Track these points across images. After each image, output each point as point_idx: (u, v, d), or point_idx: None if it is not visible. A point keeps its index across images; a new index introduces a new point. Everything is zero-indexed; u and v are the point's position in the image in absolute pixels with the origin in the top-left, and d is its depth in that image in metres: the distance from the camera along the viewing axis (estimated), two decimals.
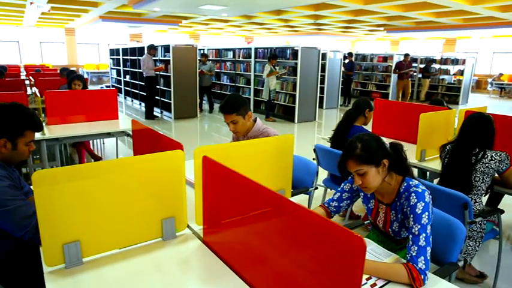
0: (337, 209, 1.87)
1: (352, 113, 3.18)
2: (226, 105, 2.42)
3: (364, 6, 9.67)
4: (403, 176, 1.62)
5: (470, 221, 2.19)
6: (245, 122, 2.47)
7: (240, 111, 2.42)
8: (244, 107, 2.45)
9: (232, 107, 2.42)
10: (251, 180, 1.33)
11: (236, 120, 2.43)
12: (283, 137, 2.05)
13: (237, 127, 2.46)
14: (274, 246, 1.30)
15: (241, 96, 2.50)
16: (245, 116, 2.45)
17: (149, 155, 1.65)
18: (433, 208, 1.60)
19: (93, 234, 1.54)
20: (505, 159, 2.35)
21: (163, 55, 9.31)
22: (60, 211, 1.43)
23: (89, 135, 4.37)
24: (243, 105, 2.44)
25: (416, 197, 1.50)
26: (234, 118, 2.43)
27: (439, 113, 3.16)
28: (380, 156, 1.56)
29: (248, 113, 2.46)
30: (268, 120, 8.89)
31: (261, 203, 1.33)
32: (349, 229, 0.97)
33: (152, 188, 1.65)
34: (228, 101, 2.44)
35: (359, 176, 1.58)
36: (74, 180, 1.44)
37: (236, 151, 1.94)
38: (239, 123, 2.45)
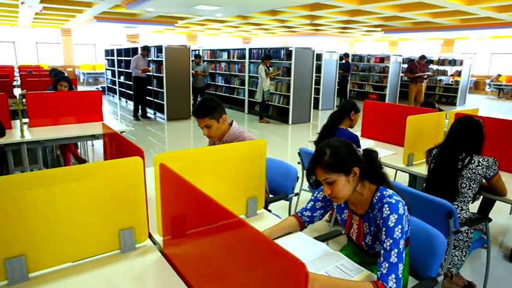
0: (310, 218, 1.75)
1: (337, 116, 3.06)
2: (199, 109, 2.31)
3: (359, 6, 9.56)
4: (377, 185, 1.51)
5: (455, 230, 2.08)
6: (219, 126, 2.35)
7: (214, 114, 2.31)
8: (219, 110, 2.34)
9: (205, 111, 2.31)
10: (203, 193, 1.22)
11: (210, 124, 2.32)
12: (255, 142, 1.94)
13: (211, 131, 2.35)
14: (226, 264, 1.19)
15: (215, 98, 2.39)
16: (219, 119, 2.34)
17: (104, 162, 1.54)
18: (409, 220, 1.49)
19: (41, 247, 1.42)
20: (493, 164, 2.24)
21: (156, 56, 9.21)
22: (0, 223, 1.32)
23: (72, 138, 4.26)
24: (216, 108, 2.33)
25: (389, 209, 1.38)
26: (207, 122, 2.32)
27: (428, 116, 3.04)
28: (350, 163, 1.45)
29: (223, 116, 2.35)
30: (263, 122, 8.78)
31: (213, 217, 1.22)
32: (292, 255, 0.85)
33: (108, 197, 1.53)
34: (200, 104, 2.33)
35: (328, 185, 1.46)
36: (18, 189, 1.33)
37: (203, 157, 1.82)
38: (213, 127, 2.34)
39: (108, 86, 14.23)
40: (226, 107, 11.31)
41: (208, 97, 2.39)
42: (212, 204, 1.16)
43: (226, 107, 11.83)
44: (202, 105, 2.33)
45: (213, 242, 1.27)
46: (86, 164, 1.49)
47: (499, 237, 3.44)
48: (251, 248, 1.04)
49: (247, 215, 1.98)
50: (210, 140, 2.49)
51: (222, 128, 2.37)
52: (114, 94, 13.28)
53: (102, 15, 12.50)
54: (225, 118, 2.37)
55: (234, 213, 1.08)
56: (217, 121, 2.33)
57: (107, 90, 14.32)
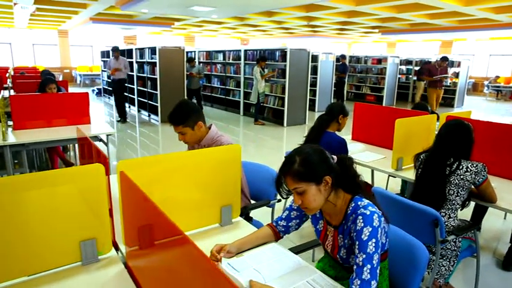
0: (286, 228, 1.66)
1: (324, 119, 2.96)
2: (172, 116, 2.22)
3: (355, 7, 9.48)
4: (353, 195, 1.41)
5: (441, 239, 1.98)
6: (194, 133, 2.27)
7: (188, 122, 2.22)
8: (194, 117, 2.24)
9: (179, 118, 2.22)
10: (155, 205, 1.13)
11: (184, 132, 2.24)
12: (229, 147, 1.85)
13: (186, 138, 2.27)
14: (176, 281, 1.10)
15: (191, 103, 2.29)
16: (194, 126, 2.25)
17: (64, 170, 1.45)
18: (386, 232, 1.39)
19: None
20: (482, 170, 2.14)
21: (150, 57, 9.12)
22: None
23: (58, 141, 4.17)
24: (191, 115, 2.23)
25: (363, 221, 1.29)
26: (181, 129, 2.24)
27: (417, 119, 2.95)
28: (321, 172, 1.35)
29: (198, 123, 2.26)
30: (258, 124, 8.69)
31: (163, 231, 1.13)
32: (228, 280, 0.75)
33: (68, 207, 1.44)
34: (174, 111, 2.24)
35: (298, 195, 1.37)
36: None
37: (174, 163, 1.73)
38: (187, 135, 2.26)
39: (104, 87, 14.14)
40: (221, 108, 11.33)
41: (183, 102, 2.29)
42: (162, 218, 1.07)
43: (221, 109, 11.79)
44: (176, 112, 2.24)
45: (167, 257, 1.18)
46: (44, 172, 1.40)
47: (493, 243, 3.34)
48: (192, 268, 0.96)
49: (221, 224, 1.88)
50: (187, 145, 2.40)
51: (197, 134, 2.28)
52: (110, 96, 13.19)
53: (97, 16, 12.43)
54: (200, 125, 2.28)
55: (179, 230, 0.99)
56: (192, 128, 2.25)
57: (102, 92, 14.23)
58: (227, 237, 1.77)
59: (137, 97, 10.25)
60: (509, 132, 2.76)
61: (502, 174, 2.78)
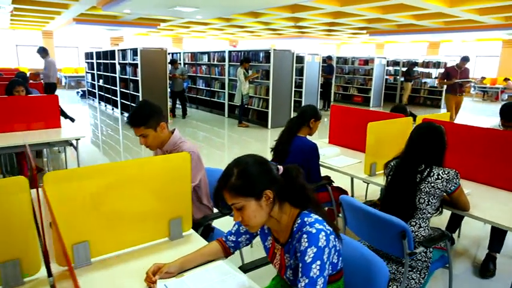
0: (235, 244, 1.52)
1: (295, 122, 2.83)
2: (133, 117, 2.07)
3: (341, 8, 9.41)
4: (300, 209, 1.28)
5: (409, 251, 1.86)
6: (157, 135, 2.11)
7: (150, 123, 2.07)
8: (156, 118, 2.10)
9: (140, 119, 2.07)
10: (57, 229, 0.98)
11: (146, 134, 2.08)
12: (177, 156, 1.70)
13: (148, 141, 2.11)
14: None
15: (152, 104, 2.14)
16: (156, 128, 2.10)
17: None
18: (338, 250, 1.25)
19: None
20: (454, 177, 2.02)
21: (132, 58, 8.93)
22: None
23: (23, 146, 3.98)
24: (153, 115, 2.09)
25: (307, 240, 1.16)
26: (142, 132, 2.08)
27: (391, 122, 2.83)
28: (261, 185, 1.22)
29: (161, 124, 2.11)
30: (242, 126, 8.55)
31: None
32: None
33: None
34: (135, 111, 2.09)
35: (237, 211, 1.23)
36: None
37: (117, 173, 1.57)
38: (150, 137, 2.10)
39: (88, 89, 13.90)
40: (206, 110, 11.16)
41: (144, 102, 2.15)
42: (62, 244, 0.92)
43: (206, 111, 11.65)
44: (136, 112, 2.09)
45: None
46: None
47: (472, 250, 3.24)
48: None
49: (170, 238, 1.73)
50: (149, 149, 2.24)
51: (160, 136, 2.13)
52: (94, 98, 12.96)
53: (81, 17, 12.19)
54: (163, 126, 2.13)
55: (69, 261, 0.84)
56: (155, 130, 2.10)
57: (87, 94, 13.98)
58: (176, 252, 1.63)
59: (120, 99, 10.05)
60: (485, 135, 2.65)
61: (477, 179, 2.68)
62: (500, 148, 2.55)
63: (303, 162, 2.73)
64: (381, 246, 2.05)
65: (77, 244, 1.47)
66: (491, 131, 2.64)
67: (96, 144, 7.24)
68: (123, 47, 9.89)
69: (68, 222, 1.45)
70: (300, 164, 2.73)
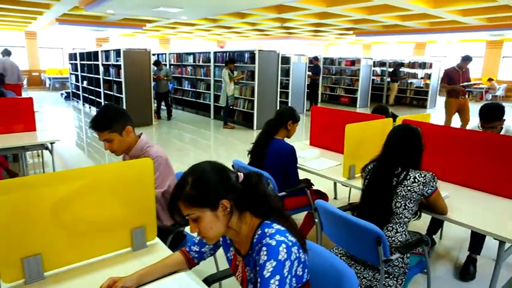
0: (199, 254, 1.44)
1: (272, 124, 2.77)
2: (96, 121, 1.97)
3: (326, 8, 9.40)
4: (262, 219, 1.20)
5: (385, 258, 1.80)
6: (123, 139, 2.02)
7: (114, 127, 1.98)
8: (121, 121, 2.00)
9: (104, 123, 1.97)
10: None
11: (111, 138, 1.99)
12: (139, 162, 1.61)
13: (113, 146, 2.01)
14: None
15: (117, 107, 2.05)
16: (122, 132, 2.00)
17: None
18: (303, 262, 1.18)
19: None
20: (431, 180, 1.97)
21: (116, 60, 8.78)
22: None
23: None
24: (118, 119, 1.99)
25: (266, 253, 1.08)
26: (107, 136, 1.98)
27: (370, 123, 2.78)
28: (217, 195, 1.14)
29: (126, 128, 2.02)
30: (227, 127, 8.46)
31: None
32: None
33: None
34: (98, 115, 1.99)
35: (193, 222, 1.15)
36: None
37: (76, 180, 1.48)
38: (115, 142, 2.00)
39: (72, 91, 13.65)
40: (192, 112, 11.05)
41: (109, 106, 2.05)
42: None
43: (192, 112, 11.55)
44: (100, 116, 2.00)
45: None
46: None
47: (454, 251, 3.20)
48: None
49: (133, 249, 1.64)
50: (115, 154, 2.15)
51: (126, 141, 2.03)
52: (78, 100, 12.74)
53: (64, 17, 11.96)
54: (129, 130, 2.03)
55: None
56: (120, 134, 2.00)
57: (71, 96, 13.73)
58: (139, 263, 1.54)
59: (104, 101, 9.88)
60: (463, 136, 2.62)
61: (456, 181, 2.65)
62: (478, 149, 2.52)
63: (280, 165, 2.66)
64: (356, 253, 1.99)
65: (27, 258, 1.37)
66: (470, 132, 2.60)
67: (81, 147, 7.10)
68: (106, 48, 9.72)
69: (19, 234, 1.35)
70: (278, 167, 2.68)
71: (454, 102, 6.79)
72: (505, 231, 1.92)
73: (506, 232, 1.90)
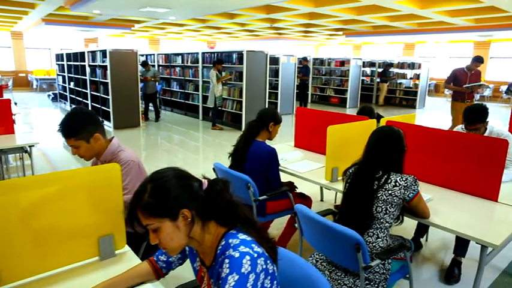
0: (167, 264, 1.37)
1: (253, 126, 2.70)
2: (62, 127, 1.89)
3: (315, 9, 9.37)
4: (228, 229, 1.14)
5: (364, 265, 1.74)
6: (90, 146, 1.94)
7: (81, 134, 1.90)
8: (89, 129, 1.92)
9: (70, 131, 1.89)
10: None
11: (77, 145, 1.91)
12: (107, 167, 1.54)
13: (80, 152, 1.94)
14: None
15: (86, 113, 1.96)
16: (89, 139, 1.92)
17: None
18: (272, 274, 1.11)
19: None
20: (412, 184, 1.92)
21: (102, 60, 8.64)
22: None
23: None
24: (85, 126, 1.91)
25: (229, 266, 1.01)
26: (73, 143, 1.90)
27: (352, 125, 2.73)
28: (178, 204, 1.07)
29: (94, 136, 1.94)
30: (215, 129, 8.38)
31: None
32: None
33: None
34: (65, 121, 1.91)
35: (153, 233, 1.08)
36: None
37: (38, 187, 1.40)
38: (81, 148, 1.93)
39: (59, 92, 13.44)
40: (181, 113, 10.94)
41: (77, 111, 1.95)
42: None
43: (181, 114, 11.45)
44: (66, 122, 1.91)
45: None
46: None
47: (440, 254, 3.17)
48: None
49: (100, 258, 1.57)
50: (84, 159, 2.07)
51: (94, 148, 1.96)
52: (65, 101, 12.54)
53: (50, 17, 11.78)
54: (97, 137, 1.95)
55: None
56: (87, 141, 1.92)
57: (58, 97, 13.52)
58: (106, 273, 1.47)
59: (91, 102, 9.73)
60: (447, 138, 2.58)
61: (439, 183, 2.61)
62: (462, 151, 2.48)
63: (261, 168, 2.60)
64: (336, 259, 1.94)
65: None
66: (453, 134, 2.57)
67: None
68: (92, 49, 9.58)
69: None
70: (259, 169, 2.62)
71: (458, 105, 6.31)
72: (487, 235, 1.88)
73: (488, 236, 1.86)
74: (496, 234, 1.89)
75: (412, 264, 2.93)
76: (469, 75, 6.19)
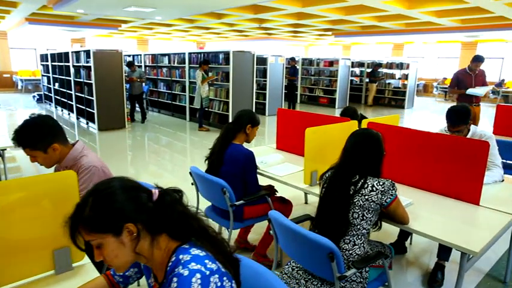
0: (124, 279, 1.28)
1: (230, 129, 2.61)
2: (18, 137, 1.78)
3: (302, 9, 9.32)
4: (180, 243, 1.05)
5: (339, 275, 1.66)
6: (48, 156, 1.84)
7: (37, 146, 1.79)
8: (47, 139, 1.81)
9: (25, 141, 1.79)
10: None
11: (33, 155, 1.80)
12: (62, 175, 1.44)
13: (38, 161, 1.83)
14: None
15: (43, 122, 1.82)
16: (47, 149, 1.81)
17: None
18: None
19: None
20: (389, 189, 1.85)
21: (86, 61, 8.48)
22: None
23: None
24: (42, 137, 1.80)
25: (177, 285, 0.92)
26: (29, 153, 1.80)
27: (331, 127, 2.66)
28: (121, 218, 0.98)
29: (52, 146, 1.82)
30: (202, 130, 8.27)
31: None
32: None
33: None
34: (20, 130, 1.79)
35: (96, 249, 0.99)
36: None
37: None
38: (39, 158, 1.83)
39: (44, 93, 13.21)
40: (168, 114, 10.81)
41: (34, 122, 1.81)
42: None
43: (168, 115, 11.33)
44: (22, 132, 1.79)
45: None
46: None
47: (424, 257, 3.11)
48: None
49: (55, 272, 1.46)
50: (45, 167, 1.96)
51: (52, 157, 1.85)
52: (51, 102, 12.32)
53: (33, 16, 11.55)
54: (55, 147, 1.84)
55: None
56: (44, 152, 1.81)
57: (44, 98, 13.29)
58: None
59: (75, 103, 9.55)
60: (428, 140, 2.52)
61: (420, 185, 2.55)
62: (443, 153, 2.42)
63: (238, 171, 2.51)
64: (311, 268, 1.85)
65: None
66: (435, 136, 2.51)
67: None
68: (76, 49, 9.40)
69: None
70: (236, 173, 2.53)
71: None
72: (468, 241, 1.82)
73: (468, 242, 1.80)
74: (476, 240, 1.83)
75: (395, 269, 2.88)
76: (473, 77, 5.78)
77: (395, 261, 2.98)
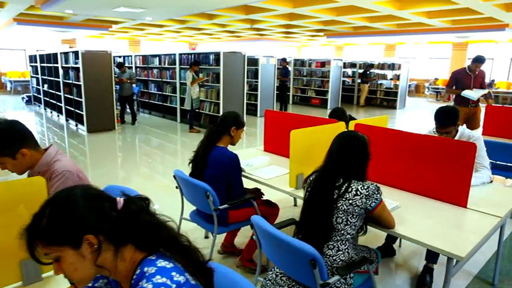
0: None
1: (214, 131, 2.55)
2: None
3: (294, 9, 9.28)
4: (147, 254, 0.99)
5: (322, 283, 1.61)
6: (18, 162, 1.75)
7: (4, 151, 1.70)
8: (14, 146, 1.72)
9: None
10: None
11: (2, 162, 1.73)
12: (29, 181, 1.38)
13: (8, 167, 1.75)
14: None
15: (9, 128, 1.72)
16: (15, 155, 1.73)
17: None
18: None
19: None
20: (374, 193, 1.81)
21: (75, 62, 8.36)
22: None
23: None
24: (9, 143, 1.71)
25: None
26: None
27: (319, 128, 2.61)
28: (80, 230, 0.92)
29: (21, 151, 1.73)
30: (193, 131, 8.20)
31: None
32: None
33: None
34: None
35: (55, 262, 0.93)
36: None
37: None
38: (8, 165, 1.75)
39: (34, 95, 13.04)
40: (159, 116, 10.71)
41: (1, 127, 1.72)
42: None
43: (159, 116, 11.24)
44: None
45: None
46: None
47: (413, 260, 3.08)
48: None
49: (23, 283, 1.40)
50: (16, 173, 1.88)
51: (22, 163, 1.77)
52: (40, 104, 12.16)
53: (21, 17, 11.37)
54: (25, 152, 1.75)
55: None
56: (13, 158, 1.73)
57: (33, 100, 13.11)
58: None
59: (64, 105, 9.42)
60: (415, 142, 2.48)
61: (408, 188, 2.51)
62: (431, 155, 2.39)
63: (222, 175, 2.45)
64: (293, 275, 1.80)
65: None
66: (422, 137, 2.47)
67: None
68: (65, 50, 9.28)
69: None
70: (220, 177, 2.47)
71: (462, 111, 5.30)
72: (454, 245, 1.78)
73: (455, 246, 1.76)
74: (463, 244, 1.79)
75: (384, 272, 2.84)
76: (472, 78, 5.57)
77: (384, 265, 2.94)
